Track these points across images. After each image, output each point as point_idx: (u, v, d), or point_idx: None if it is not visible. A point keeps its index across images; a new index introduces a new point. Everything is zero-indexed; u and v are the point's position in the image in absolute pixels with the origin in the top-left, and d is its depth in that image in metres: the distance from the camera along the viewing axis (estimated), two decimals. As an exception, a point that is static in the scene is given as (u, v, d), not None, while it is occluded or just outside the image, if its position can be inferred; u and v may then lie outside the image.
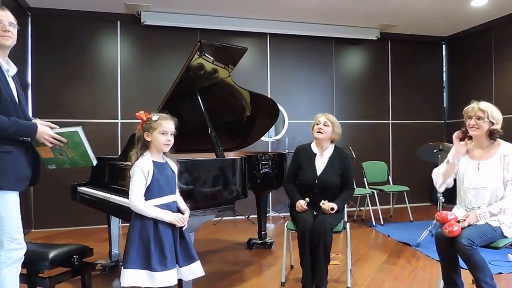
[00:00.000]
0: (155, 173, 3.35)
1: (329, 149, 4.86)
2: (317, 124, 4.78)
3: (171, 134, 3.42)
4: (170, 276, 3.25)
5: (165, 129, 3.39)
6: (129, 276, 3.20)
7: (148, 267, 3.22)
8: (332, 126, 4.78)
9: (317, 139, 4.84)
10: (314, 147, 4.92)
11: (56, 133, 3.31)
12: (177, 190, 3.59)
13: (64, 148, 3.40)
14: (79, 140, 3.42)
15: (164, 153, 3.52)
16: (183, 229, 3.40)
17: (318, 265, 4.30)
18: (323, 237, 4.26)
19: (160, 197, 3.38)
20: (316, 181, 4.69)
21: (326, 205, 4.45)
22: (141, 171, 3.32)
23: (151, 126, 3.39)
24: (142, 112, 3.48)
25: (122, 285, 3.20)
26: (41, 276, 3.66)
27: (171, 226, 3.33)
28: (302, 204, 4.57)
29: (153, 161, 3.39)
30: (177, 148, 3.56)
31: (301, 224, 4.44)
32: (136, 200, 3.30)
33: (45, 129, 3.25)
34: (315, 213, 4.57)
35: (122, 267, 3.23)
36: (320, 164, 4.79)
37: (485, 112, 3.89)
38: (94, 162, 3.57)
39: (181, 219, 3.35)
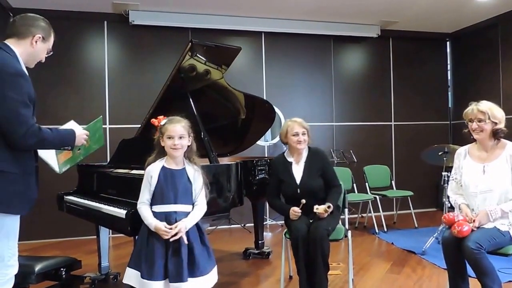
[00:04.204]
0: (160, 180, 3.48)
1: (304, 154, 4.85)
2: (295, 135, 4.72)
3: (179, 138, 3.50)
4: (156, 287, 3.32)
5: (170, 133, 3.50)
6: (128, 273, 3.42)
7: (139, 271, 3.37)
8: (307, 132, 4.77)
9: (298, 150, 4.79)
10: (288, 156, 4.90)
11: (85, 128, 3.57)
12: (196, 202, 3.61)
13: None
14: (100, 126, 3.81)
15: (190, 160, 3.63)
16: (183, 243, 3.38)
17: (317, 275, 4.29)
18: (320, 244, 4.25)
19: (160, 205, 3.48)
20: (298, 190, 4.68)
21: (320, 208, 4.42)
22: (145, 175, 3.53)
23: (161, 131, 3.55)
24: (161, 117, 3.68)
25: (123, 281, 3.44)
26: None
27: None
28: (295, 210, 4.53)
29: (164, 167, 3.52)
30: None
31: (294, 232, 4.44)
32: (138, 202, 3.53)
33: (81, 131, 3.46)
34: (311, 221, 4.53)
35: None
36: (298, 172, 4.78)
37: (485, 113, 3.93)
38: (103, 142, 3.91)
39: (164, 231, 3.35)
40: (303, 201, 4.52)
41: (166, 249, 3.37)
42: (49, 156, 3.61)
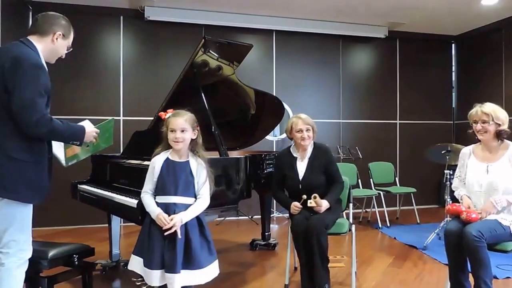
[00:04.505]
0: (162, 171, 3.47)
1: (309, 150, 4.80)
2: (299, 132, 4.69)
3: (181, 131, 3.45)
4: (155, 276, 3.32)
5: (172, 126, 3.47)
6: (132, 260, 3.44)
7: (142, 258, 3.39)
8: (312, 128, 4.73)
9: (302, 146, 4.76)
10: (294, 151, 4.87)
11: (97, 127, 3.62)
12: (199, 195, 3.54)
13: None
14: (111, 126, 3.88)
15: (193, 152, 3.58)
16: (177, 237, 3.32)
17: (316, 267, 4.26)
18: (317, 238, 4.21)
19: (162, 196, 3.47)
20: (300, 186, 4.64)
21: (313, 202, 4.39)
22: (150, 166, 3.55)
23: (166, 124, 3.53)
24: (170, 110, 3.71)
25: (128, 267, 3.48)
26: (42, 275, 3.66)
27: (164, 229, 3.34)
28: (296, 205, 4.51)
29: (168, 159, 3.51)
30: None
31: (294, 227, 4.42)
32: (142, 191, 3.56)
33: (91, 128, 3.51)
34: (312, 215, 4.49)
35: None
36: (302, 167, 4.73)
37: (489, 115, 3.96)
38: (112, 141, 3.97)
39: (164, 221, 3.32)
40: (304, 196, 4.49)
41: (165, 239, 3.35)
42: (57, 149, 3.66)
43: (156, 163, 3.51)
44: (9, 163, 3.06)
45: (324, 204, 4.45)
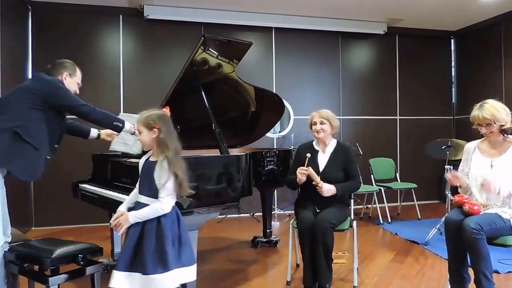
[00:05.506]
0: (141, 171, 3.47)
1: (331, 145, 4.85)
2: (314, 125, 4.78)
3: (139, 132, 3.39)
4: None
5: None
6: None
7: None
8: (329, 122, 4.78)
9: (318, 138, 4.83)
10: (316, 145, 4.90)
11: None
12: (159, 195, 3.30)
13: None
14: None
15: (162, 152, 3.41)
16: (129, 235, 3.27)
17: (320, 266, 4.26)
18: (323, 236, 4.21)
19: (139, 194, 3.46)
20: (320, 178, 4.61)
21: (321, 186, 4.44)
22: None
23: None
24: (166, 107, 3.89)
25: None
26: (47, 273, 3.66)
27: (133, 227, 3.27)
28: (301, 168, 4.51)
29: (147, 159, 3.47)
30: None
31: (300, 223, 4.41)
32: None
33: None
34: (318, 211, 4.52)
35: None
36: (322, 161, 4.76)
37: (491, 119, 3.96)
38: None
39: (113, 220, 3.32)
40: (308, 155, 4.54)
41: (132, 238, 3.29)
42: (121, 146, 4.84)
43: (140, 162, 3.52)
44: (8, 135, 3.68)
45: (326, 187, 4.46)
